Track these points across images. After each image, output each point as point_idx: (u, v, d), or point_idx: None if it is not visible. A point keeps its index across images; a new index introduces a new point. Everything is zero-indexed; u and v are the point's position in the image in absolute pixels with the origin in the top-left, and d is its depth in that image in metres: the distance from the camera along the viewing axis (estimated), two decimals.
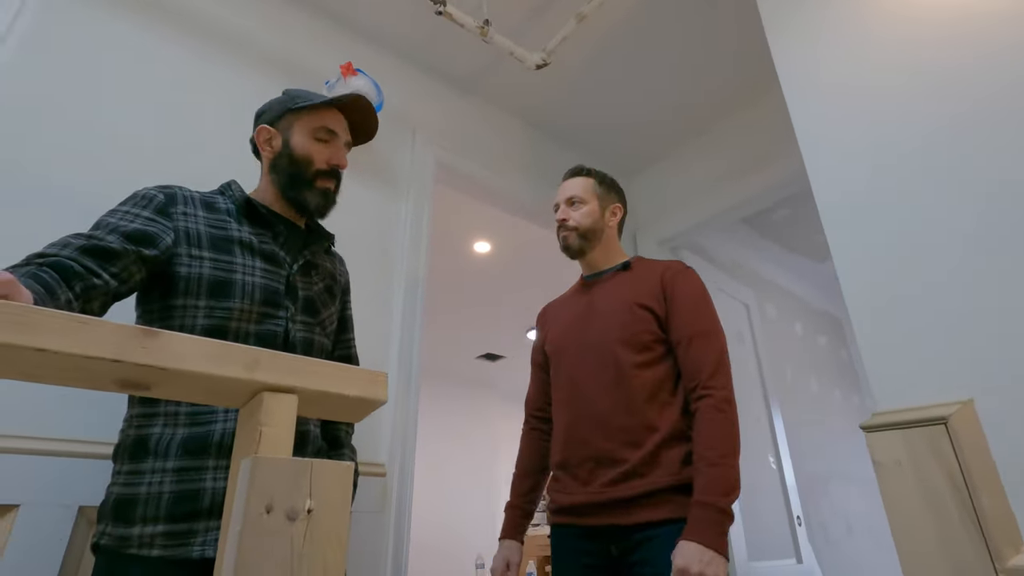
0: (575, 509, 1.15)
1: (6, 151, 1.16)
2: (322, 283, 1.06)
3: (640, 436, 1.12)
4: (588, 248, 1.33)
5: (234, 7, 1.64)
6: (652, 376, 1.17)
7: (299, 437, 0.93)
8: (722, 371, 1.13)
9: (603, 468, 1.13)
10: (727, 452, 1.04)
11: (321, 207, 1.05)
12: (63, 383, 0.43)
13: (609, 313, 1.24)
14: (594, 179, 1.37)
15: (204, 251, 0.91)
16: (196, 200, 0.97)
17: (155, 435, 0.84)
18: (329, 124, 1.05)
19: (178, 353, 0.43)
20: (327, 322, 1.05)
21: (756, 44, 1.94)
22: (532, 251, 3.54)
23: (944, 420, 0.87)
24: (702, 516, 0.99)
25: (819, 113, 1.20)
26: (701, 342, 1.16)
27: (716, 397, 1.10)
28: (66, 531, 0.99)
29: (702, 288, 1.24)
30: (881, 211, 1.05)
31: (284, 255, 0.99)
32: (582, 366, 1.23)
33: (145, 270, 0.86)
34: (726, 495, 1.01)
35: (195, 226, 0.93)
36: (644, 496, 1.08)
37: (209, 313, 0.89)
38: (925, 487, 0.86)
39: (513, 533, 1.26)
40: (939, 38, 1.04)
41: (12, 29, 1.24)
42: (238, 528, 0.35)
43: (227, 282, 0.90)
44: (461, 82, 2.16)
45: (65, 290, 0.74)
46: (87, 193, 1.22)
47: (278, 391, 0.46)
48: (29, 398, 1.04)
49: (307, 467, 0.40)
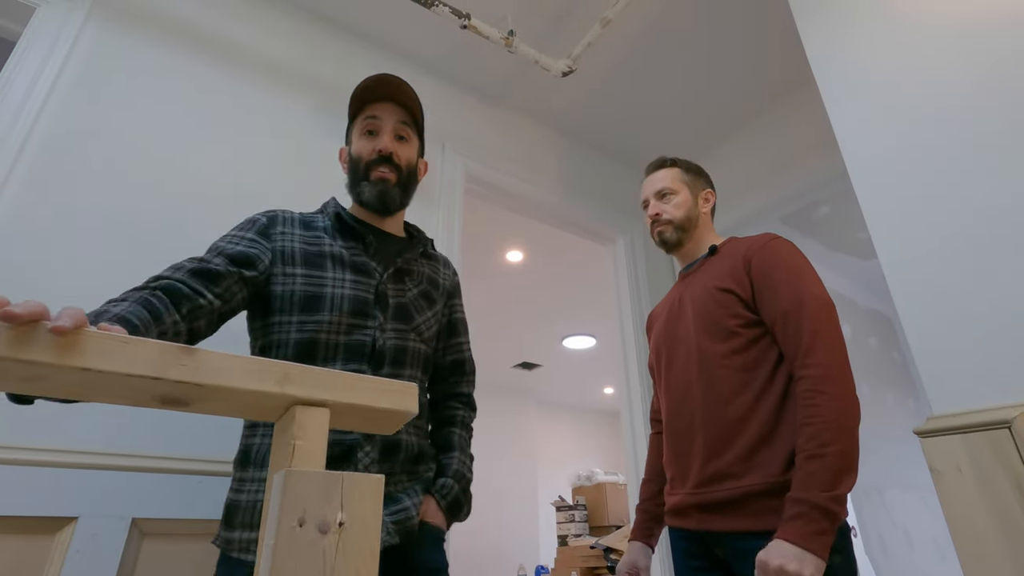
0: (677, 511, 1.09)
1: (65, 181, 1.23)
2: (416, 288, 1.04)
3: (731, 434, 1.02)
4: (685, 239, 1.25)
5: (267, 33, 1.70)
6: (742, 365, 1.05)
7: (391, 446, 0.92)
8: (820, 343, 0.96)
9: (698, 469, 1.05)
10: (829, 439, 0.88)
11: (378, 197, 1.02)
12: (107, 400, 0.45)
13: (692, 304, 1.16)
14: (679, 168, 1.30)
15: (297, 268, 0.95)
16: (295, 220, 1.01)
17: (255, 445, 0.89)
18: (369, 113, 1.05)
19: (213, 369, 0.44)
20: (423, 327, 1.03)
21: (788, 38, 1.89)
22: (565, 259, 3.53)
23: (1008, 423, 0.81)
24: (795, 513, 0.86)
25: (857, 108, 1.16)
26: (794, 316, 1.01)
27: (812, 377, 0.94)
28: (120, 542, 1.03)
29: (791, 256, 1.08)
30: (928, 204, 1.00)
31: (375, 265, 1.00)
32: (674, 364, 1.17)
33: (247, 290, 0.91)
34: (829, 488, 0.85)
35: (291, 244, 0.97)
36: (738, 500, 0.97)
37: (301, 327, 0.92)
38: (989, 495, 0.81)
39: (640, 535, 1.21)
40: (987, 28, 0.99)
41: (66, 65, 1.31)
42: (271, 542, 0.36)
43: (317, 296, 0.93)
44: (488, 93, 2.18)
45: (172, 312, 0.79)
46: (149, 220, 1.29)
47: (310, 404, 0.47)
48: (86, 415, 1.09)
49: (338, 480, 0.40)
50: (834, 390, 0.92)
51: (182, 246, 1.32)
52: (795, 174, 2.10)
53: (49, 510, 1.00)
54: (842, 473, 0.87)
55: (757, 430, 0.99)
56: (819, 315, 0.99)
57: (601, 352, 5.14)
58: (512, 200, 2.16)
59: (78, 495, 1.03)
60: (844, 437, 0.89)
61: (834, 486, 0.86)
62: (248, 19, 1.68)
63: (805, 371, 0.96)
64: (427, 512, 0.93)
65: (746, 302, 1.08)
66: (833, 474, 0.87)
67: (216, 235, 1.37)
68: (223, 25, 1.62)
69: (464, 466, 1.01)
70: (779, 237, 1.12)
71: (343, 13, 1.84)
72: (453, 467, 1.00)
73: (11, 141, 1.19)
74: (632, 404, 2.16)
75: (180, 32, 1.53)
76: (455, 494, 0.97)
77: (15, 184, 1.17)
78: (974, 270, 0.92)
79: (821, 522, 0.85)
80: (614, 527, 4.62)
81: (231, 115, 1.53)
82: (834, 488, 0.86)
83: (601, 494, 4.88)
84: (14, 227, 1.15)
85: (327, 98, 1.74)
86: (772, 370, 1.03)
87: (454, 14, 1.66)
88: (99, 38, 1.40)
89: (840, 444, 0.88)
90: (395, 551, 0.87)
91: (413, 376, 0.98)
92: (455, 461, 1.01)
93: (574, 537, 4.72)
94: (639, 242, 2.43)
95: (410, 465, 0.94)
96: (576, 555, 4.19)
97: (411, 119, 1.08)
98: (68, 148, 1.26)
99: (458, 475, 0.99)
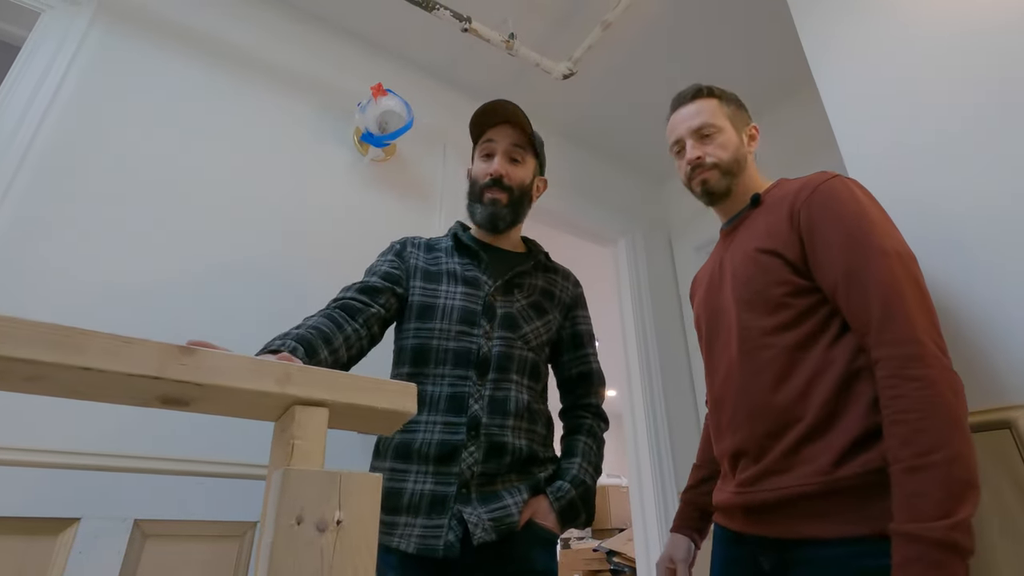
0: (722, 509, 0.93)
1: (71, 181, 1.24)
2: (526, 300, 1.11)
3: (778, 428, 0.82)
4: (734, 186, 1.02)
5: (269, 36, 1.71)
6: (792, 343, 0.83)
7: (496, 448, 0.96)
8: (897, 311, 0.72)
9: (741, 463, 0.87)
10: (931, 444, 0.65)
11: (488, 218, 1.12)
12: (108, 400, 0.45)
13: (733, 268, 0.96)
14: (718, 99, 1.05)
15: (418, 282, 1.09)
16: (421, 244, 1.16)
17: (383, 439, 1.01)
18: (487, 137, 1.16)
19: (214, 368, 0.44)
20: (531, 336, 1.09)
21: (787, 40, 1.89)
22: (566, 260, 3.52)
23: (1009, 424, 0.81)
24: (908, 557, 0.62)
25: (855, 108, 1.16)
26: (861, 278, 0.77)
27: (894, 359, 0.71)
28: (123, 543, 1.04)
29: (850, 199, 0.83)
30: (924, 206, 1.00)
31: (486, 279, 1.10)
32: (716, 341, 0.98)
33: (397, 300, 1.07)
34: (945, 515, 0.62)
35: (416, 263, 1.12)
36: (787, 502, 0.78)
37: (416, 333, 1.04)
38: (990, 496, 0.80)
39: (679, 526, 1.07)
40: (988, 27, 0.99)
41: (70, 69, 1.33)
42: (269, 539, 0.36)
43: (431, 306, 1.05)
44: (490, 96, 2.19)
45: (352, 322, 0.97)
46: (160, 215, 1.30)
47: (309, 404, 0.47)
48: (89, 416, 1.10)
49: (336, 479, 0.40)
50: (927, 372, 0.69)
51: (186, 251, 1.33)
52: (795, 175, 2.10)
53: (52, 511, 1.00)
54: (959, 487, 0.63)
55: (810, 421, 0.78)
56: (893, 273, 0.75)
57: (604, 354, 5.11)
58: None
59: (81, 496, 1.04)
60: (952, 436, 0.65)
61: (953, 509, 0.62)
62: (250, 22, 1.69)
63: (882, 351, 0.73)
64: (538, 512, 0.96)
65: (794, 265, 0.86)
66: (947, 491, 0.63)
67: (219, 238, 1.39)
68: (225, 29, 1.63)
69: (585, 472, 1.03)
70: (837, 176, 0.88)
71: (344, 17, 1.85)
72: (572, 472, 1.02)
73: (15, 145, 1.19)
74: (634, 407, 2.15)
75: (184, 36, 1.54)
76: (570, 498, 0.98)
77: (19, 188, 1.18)
78: (970, 270, 0.92)
79: (947, 567, 0.60)
80: (617, 530, 4.61)
81: (235, 118, 1.54)
82: (953, 512, 0.62)
83: (604, 497, 4.87)
84: (18, 230, 1.16)
85: (329, 100, 1.75)
86: (829, 345, 0.81)
87: (455, 17, 1.66)
88: (103, 42, 1.41)
89: (949, 448, 0.65)
90: (496, 549, 0.90)
91: (519, 382, 1.04)
92: (575, 467, 1.03)
93: (577, 540, 4.71)
94: (640, 244, 2.43)
95: (520, 467, 0.98)
96: (579, 558, 4.18)
97: (526, 141, 1.16)
98: (72, 152, 1.27)
99: (576, 480, 1.01)
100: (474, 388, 0.98)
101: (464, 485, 0.92)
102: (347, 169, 1.70)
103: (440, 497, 0.91)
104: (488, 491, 0.93)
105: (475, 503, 0.91)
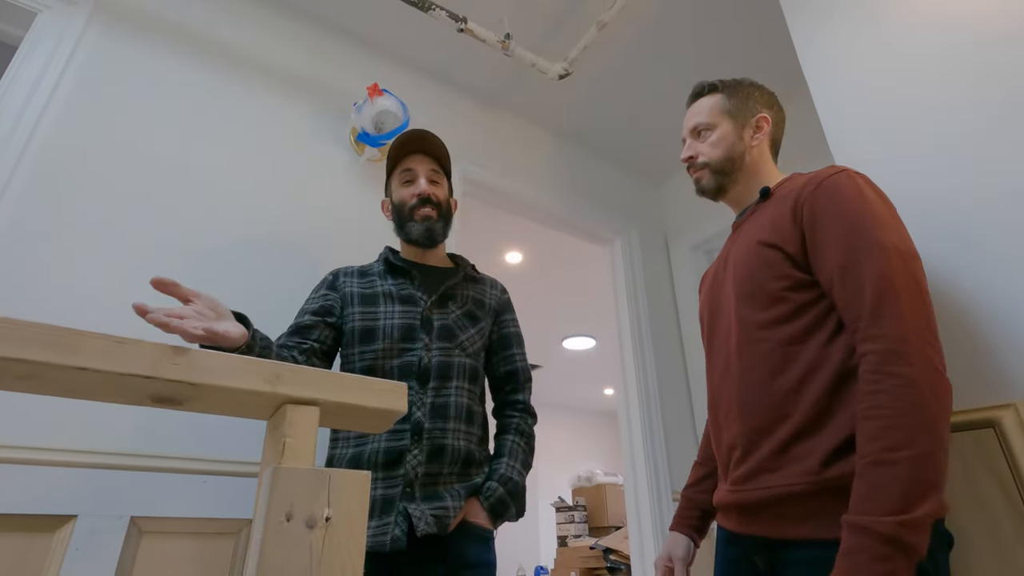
0: (721, 508, 0.94)
1: (66, 180, 1.24)
2: (460, 310, 1.19)
3: (770, 423, 0.82)
4: (729, 183, 1.03)
5: (266, 37, 1.72)
6: (787, 337, 0.83)
7: (437, 450, 1.03)
8: (889, 306, 0.72)
9: (736, 461, 0.88)
10: (900, 440, 0.65)
11: (425, 232, 1.19)
12: (102, 399, 0.46)
13: (735, 262, 0.96)
14: (720, 94, 1.06)
15: (356, 308, 1.14)
16: (354, 271, 1.22)
17: (337, 455, 1.07)
18: (405, 166, 1.23)
19: (206, 368, 0.45)
20: (467, 343, 1.16)
21: (782, 41, 1.90)
22: (564, 259, 3.54)
23: (993, 423, 0.82)
24: (850, 546, 0.64)
25: (848, 111, 1.17)
26: (854, 271, 0.76)
27: (877, 353, 0.71)
28: (119, 541, 1.04)
29: (855, 194, 0.82)
30: (920, 208, 1.01)
31: (421, 294, 1.16)
32: (715, 336, 0.99)
33: (332, 330, 1.14)
34: (898, 511, 0.62)
35: (351, 290, 1.17)
36: (776, 501, 0.78)
37: (362, 357, 1.10)
38: (974, 495, 0.82)
39: (678, 524, 1.07)
40: (974, 33, 1.00)
41: (67, 69, 1.33)
42: (259, 536, 0.37)
43: (372, 329, 1.11)
44: (485, 96, 2.20)
45: (296, 359, 1.05)
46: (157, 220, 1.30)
47: (300, 403, 0.48)
48: (86, 414, 1.11)
49: (325, 477, 0.41)
50: (908, 371, 0.68)
51: (182, 250, 1.34)
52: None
53: (48, 508, 1.01)
54: (920, 486, 0.63)
55: (800, 419, 0.78)
56: (889, 268, 0.74)
57: (601, 353, 5.14)
58: (510, 202, 2.17)
59: (77, 494, 1.04)
60: (922, 436, 0.65)
61: (907, 506, 0.62)
62: (247, 23, 1.70)
63: (868, 345, 0.72)
64: (470, 513, 1.04)
65: (794, 259, 0.85)
66: (906, 488, 0.63)
67: (213, 239, 1.39)
68: (222, 29, 1.64)
69: (511, 469, 1.11)
70: (845, 170, 0.86)
71: (340, 16, 1.86)
72: (500, 471, 1.10)
73: (12, 145, 1.20)
74: (630, 405, 2.17)
75: (181, 37, 1.55)
76: (499, 495, 1.06)
77: (16, 188, 1.19)
78: (956, 272, 0.93)
79: (890, 561, 0.61)
80: (614, 528, 4.63)
81: (232, 118, 1.55)
82: (907, 509, 0.62)
83: (601, 495, 4.88)
84: (14, 231, 1.16)
85: (326, 101, 1.76)
86: (826, 342, 0.81)
87: (451, 18, 1.67)
88: (100, 43, 1.41)
89: (916, 446, 0.65)
90: (440, 542, 0.99)
91: (460, 387, 1.11)
92: (503, 466, 1.11)
93: (574, 538, 4.73)
94: (636, 243, 2.44)
95: (459, 468, 1.06)
96: (576, 556, 4.19)
97: (439, 166, 1.26)
98: (69, 152, 1.28)
99: (503, 478, 1.08)
100: (416, 396, 1.06)
101: (409, 485, 1.00)
102: (343, 169, 1.71)
103: (389, 499, 0.99)
104: (431, 491, 1.01)
105: (419, 501, 0.99)
